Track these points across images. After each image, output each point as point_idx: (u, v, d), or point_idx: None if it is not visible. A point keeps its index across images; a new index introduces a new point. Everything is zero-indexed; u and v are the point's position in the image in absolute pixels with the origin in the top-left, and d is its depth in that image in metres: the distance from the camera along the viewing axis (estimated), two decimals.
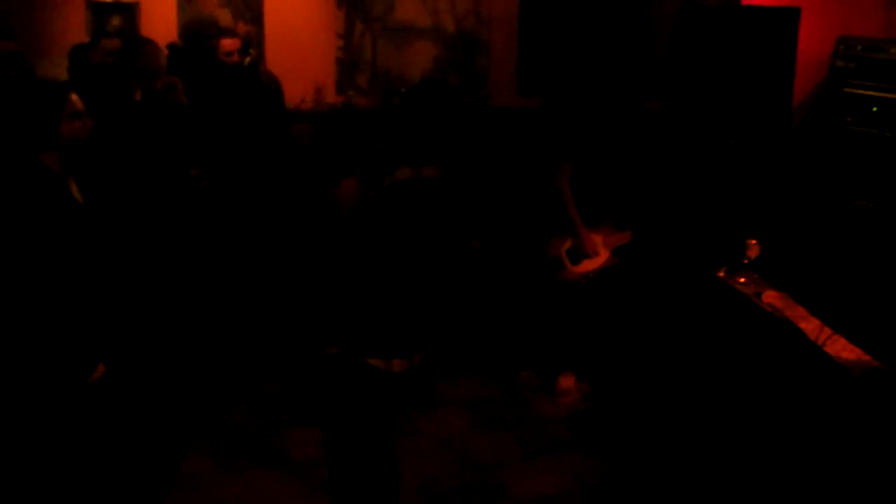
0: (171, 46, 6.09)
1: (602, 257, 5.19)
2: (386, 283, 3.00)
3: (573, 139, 5.22)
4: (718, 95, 6.26)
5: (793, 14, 5.49)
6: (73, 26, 6.71)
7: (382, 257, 3.00)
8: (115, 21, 6.83)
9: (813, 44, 5.46)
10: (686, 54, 6.66)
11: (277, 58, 6.74)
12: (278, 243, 5.90)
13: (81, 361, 3.28)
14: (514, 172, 6.20)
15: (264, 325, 5.67)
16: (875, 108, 5.01)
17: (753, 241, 4.58)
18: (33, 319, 3.17)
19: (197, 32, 5.96)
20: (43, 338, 3.20)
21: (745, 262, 4.55)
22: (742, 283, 4.47)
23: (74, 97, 3.34)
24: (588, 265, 5.18)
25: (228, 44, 5.68)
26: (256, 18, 6.96)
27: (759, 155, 5.36)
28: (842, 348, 4.00)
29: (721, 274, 4.64)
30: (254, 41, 6.73)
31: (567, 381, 5.18)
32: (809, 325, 4.02)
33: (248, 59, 5.85)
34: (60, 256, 3.22)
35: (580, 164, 5.18)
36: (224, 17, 6.88)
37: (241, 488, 4.24)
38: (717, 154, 5.37)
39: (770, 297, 4.23)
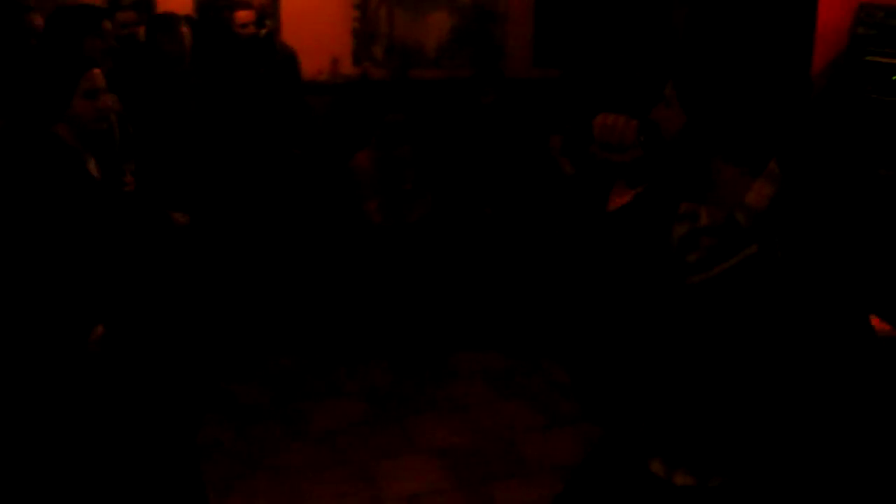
0: (185, 19, 6.08)
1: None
2: None
3: (563, 111, 5.17)
4: (736, 64, 6.20)
5: None
6: None
7: None
8: None
9: (834, 11, 5.39)
10: (704, 23, 6.60)
11: (293, 30, 6.70)
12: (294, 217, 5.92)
13: (80, 325, 3.18)
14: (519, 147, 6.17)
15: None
16: None
17: None
18: (35, 283, 3.11)
19: (212, 5, 5.94)
20: (42, 302, 3.12)
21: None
22: None
23: (97, 72, 3.20)
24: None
25: (244, 16, 5.66)
26: None
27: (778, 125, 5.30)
28: None
29: None
30: (269, 13, 6.69)
31: None
32: None
33: (263, 32, 5.84)
34: (67, 224, 3.13)
35: (569, 136, 5.12)
36: None
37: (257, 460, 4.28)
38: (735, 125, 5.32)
39: None
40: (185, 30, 4.80)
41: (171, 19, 4.89)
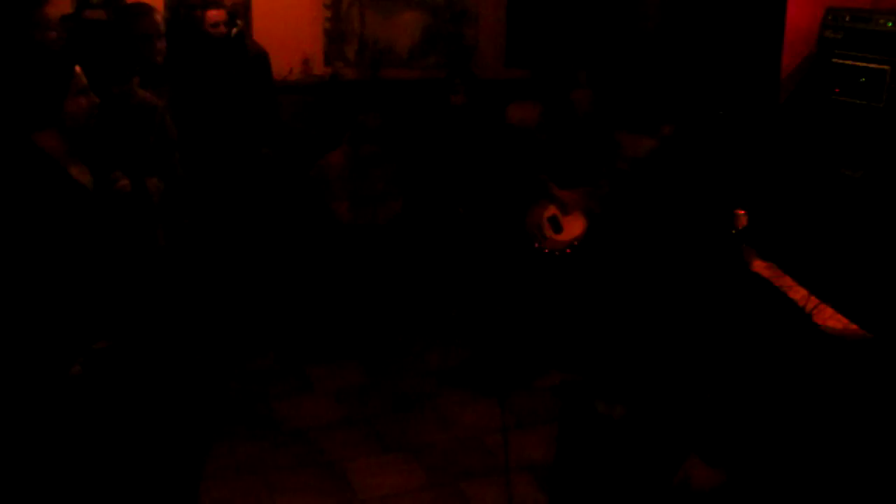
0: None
1: (584, 222, 5.11)
2: None
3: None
4: (706, 66, 6.25)
5: None
6: None
7: None
8: None
9: (801, 15, 5.44)
10: (675, 25, 6.65)
11: (264, 29, 6.69)
12: (265, 217, 5.89)
13: (65, 354, 3.10)
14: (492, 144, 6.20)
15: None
16: (863, 79, 5.01)
17: (741, 212, 4.59)
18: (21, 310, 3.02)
19: (182, 4, 5.92)
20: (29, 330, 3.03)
21: (734, 232, 4.55)
22: None
23: (79, 70, 3.10)
24: (572, 231, 5.10)
25: (215, 15, 5.64)
26: None
27: (747, 126, 5.35)
28: (829, 317, 4.01)
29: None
30: (240, 12, 6.67)
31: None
32: (796, 296, 4.04)
33: (234, 31, 5.81)
34: (55, 242, 3.02)
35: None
36: None
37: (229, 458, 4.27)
38: (705, 125, 5.36)
39: (758, 266, 4.25)
40: (159, 18, 4.77)
41: (146, 6, 4.86)
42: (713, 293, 2.40)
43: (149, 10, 4.73)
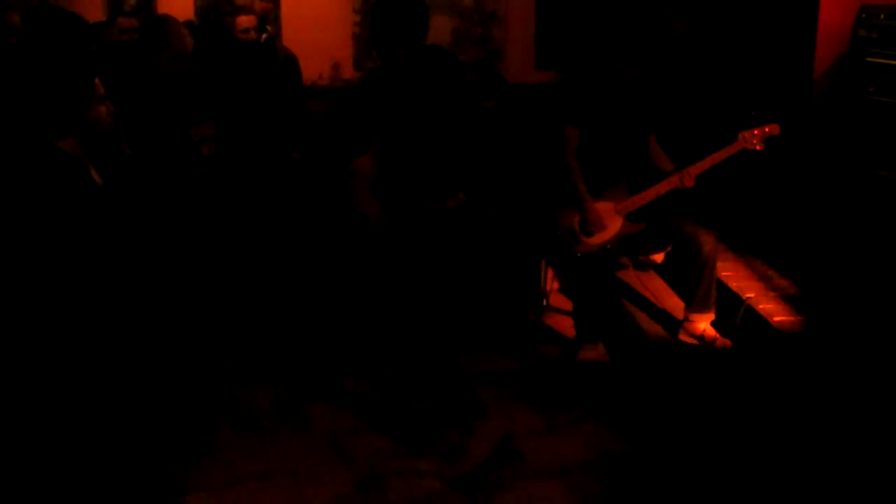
0: (187, 24, 6.09)
1: (615, 226, 5.11)
2: None
3: (575, 105, 5.21)
4: (739, 66, 6.21)
5: None
6: (91, 4, 6.71)
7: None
8: None
9: (835, 13, 5.39)
10: (706, 23, 6.61)
11: (294, 34, 6.73)
12: (296, 221, 5.92)
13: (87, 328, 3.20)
14: (526, 145, 6.20)
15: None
16: None
17: None
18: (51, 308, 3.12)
19: (213, 10, 5.97)
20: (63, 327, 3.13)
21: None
22: None
23: (97, 81, 3.26)
24: (601, 236, 5.11)
25: (245, 21, 5.67)
26: None
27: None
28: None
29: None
30: (270, 18, 6.71)
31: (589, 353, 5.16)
32: None
33: (264, 36, 5.85)
34: (83, 239, 3.14)
35: (584, 131, 5.16)
36: None
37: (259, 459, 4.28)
38: (737, 125, 5.32)
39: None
40: (184, 30, 4.82)
41: (168, 21, 4.91)
42: None
43: (179, 27, 4.78)
